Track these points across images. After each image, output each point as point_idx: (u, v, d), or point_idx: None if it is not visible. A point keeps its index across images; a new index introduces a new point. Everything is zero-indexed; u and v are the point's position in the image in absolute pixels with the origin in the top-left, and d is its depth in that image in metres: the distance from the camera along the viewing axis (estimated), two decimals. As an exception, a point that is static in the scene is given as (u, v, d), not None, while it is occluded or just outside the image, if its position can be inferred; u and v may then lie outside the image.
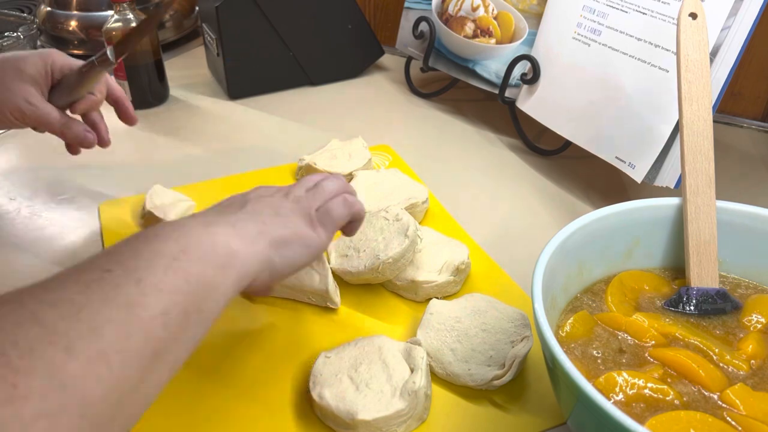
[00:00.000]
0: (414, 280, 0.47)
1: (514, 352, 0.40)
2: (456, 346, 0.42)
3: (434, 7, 0.75)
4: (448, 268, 0.48)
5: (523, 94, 0.67)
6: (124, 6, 0.71)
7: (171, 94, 0.79)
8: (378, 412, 0.36)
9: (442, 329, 0.43)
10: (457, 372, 0.40)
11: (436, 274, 0.47)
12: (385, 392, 0.37)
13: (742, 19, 0.49)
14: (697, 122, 0.40)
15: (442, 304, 0.45)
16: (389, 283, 0.48)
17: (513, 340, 0.42)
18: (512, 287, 0.49)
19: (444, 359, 0.41)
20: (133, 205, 0.58)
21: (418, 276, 0.47)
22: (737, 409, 0.32)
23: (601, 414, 0.27)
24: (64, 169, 0.65)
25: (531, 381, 0.42)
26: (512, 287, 0.49)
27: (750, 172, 0.66)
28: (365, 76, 0.86)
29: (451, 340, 0.42)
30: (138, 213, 0.56)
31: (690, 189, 0.40)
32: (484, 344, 0.42)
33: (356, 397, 0.37)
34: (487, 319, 0.43)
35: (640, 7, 0.55)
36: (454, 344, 0.42)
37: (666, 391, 0.33)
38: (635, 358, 0.35)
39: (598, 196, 0.61)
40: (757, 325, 0.37)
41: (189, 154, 0.68)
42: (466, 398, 0.40)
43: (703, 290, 0.39)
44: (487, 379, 0.40)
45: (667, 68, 0.52)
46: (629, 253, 0.41)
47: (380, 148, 0.68)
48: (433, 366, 0.41)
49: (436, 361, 0.41)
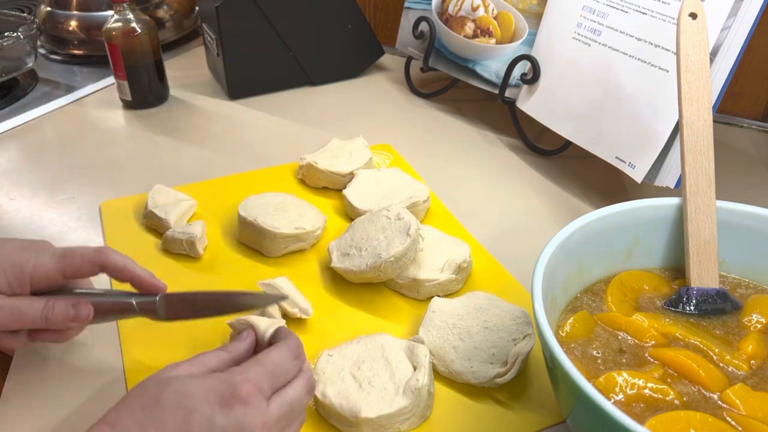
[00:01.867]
0: (416, 279, 0.47)
1: (516, 349, 0.41)
2: (458, 344, 0.42)
3: (434, 7, 0.75)
4: (449, 267, 0.48)
5: (523, 94, 0.67)
6: (124, 6, 0.71)
7: (171, 94, 0.79)
8: (381, 410, 0.36)
9: (444, 327, 0.43)
10: (460, 370, 0.40)
11: (438, 272, 0.47)
12: (388, 390, 0.37)
13: (742, 19, 0.49)
14: (697, 122, 0.40)
15: (444, 302, 0.45)
16: (391, 281, 0.48)
17: (515, 338, 0.42)
18: (514, 285, 0.49)
19: (446, 357, 0.41)
20: (135, 205, 0.58)
21: (420, 274, 0.47)
22: (737, 409, 0.32)
23: (601, 414, 0.27)
24: (65, 169, 0.65)
25: (533, 378, 0.42)
26: (514, 285, 0.49)
27: (750, 172, 0.66)
28: (365, 76, 0.86)
29: (454, 338, 0.42)
30: (140, 212, 0.56)
31: (690, 189, 0.40)
32: (486, 342, 0.42)
33: (359, 395, 0.37)
34: (489, 317, 0.44)
35: (640, 7, 0.55)
36: (456, 342, 0.42)
37: (666, 391, 0.33)
38: (635, 358, 0.35)
39: (598, 196, 0.61)
40: (757, 325, 0.37)
41: (189, 154, 0.68)
42: (468, 396, 0.40)
43: (703, 290, 0.39)
44: (490, 377, 0.40)
45: (667, 68, 0.53)
46: (629, 253, 0.41)
47: (381, 148, 0.68)
48: (435, 364, 0.41)
49: (439, 358, 0.41)
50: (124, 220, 0.56)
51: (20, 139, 0.71)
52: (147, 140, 0.71)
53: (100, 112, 0.77)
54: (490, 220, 0.57)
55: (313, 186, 0.61)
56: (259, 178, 0.62)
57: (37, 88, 0.83)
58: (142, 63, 0.73)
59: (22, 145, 0.70)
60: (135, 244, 0.53)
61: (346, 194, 0.56)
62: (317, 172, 0.60)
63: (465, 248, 0.49)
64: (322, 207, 0.57)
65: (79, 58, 0.90)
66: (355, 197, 0.56)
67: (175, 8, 0.93)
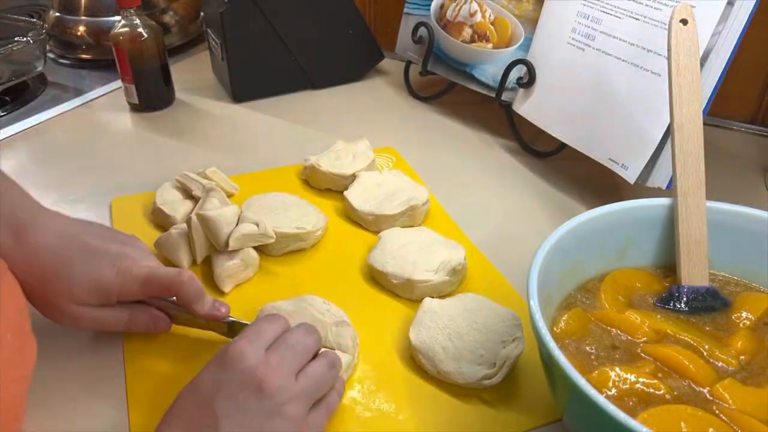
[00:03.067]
0: (410, 279, 0.47)
1: (505, 353, 0.41)
2: (447, 345, 0.42)
3: (433, 12, 0.76)
4: (444, 268, 0.48)
5: (519, 97, 0.68)
6: (130, 11, 0.72)
7: (177, 98, 0.80)
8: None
9: (434, 327, 0.43)
10: (448, 370, 0.41)
11: (432, 273, 0.47)
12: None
13: (732, 25, 0.49)
14: (689, 125, 0.40)
15: (436, 303, 0.45)
16: (385, 281, 0.49)
17: (504, 340, 0.42)
18: (506, 288, 0.50)
19: (435, 357, 0.41)
20: (143, 202, 0.59)
21: (415, 275, 0.47)
22: (726, 403, 0.32)
23: (595, 408, 0.28)
24: (73, 170, 0.66)
25: (521, 379, 0.42)
26: (506, 288, 0.50)
27: (740, 173, 0.67)
28: (366, 79, 0.87)
29: (443, 339, 0.42)
30: (148, 209, 0.58)
31: (681, 190, 0.40)
32: (475, 343, 0.42)
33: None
34: (479, 319, 0.44)
35: (633, 13, 0.56)
36: (445, 342, 0.42)
37: (657, 385, 0.33)
38: (628, 354, 0.36)
39: (592, 197, 0.62)
40: (746, 321, 0.38)
41: (194, 156, 0.69)
42: (456, 396, 0.41)
43: (693, 288, 0.40)
44: (477, 378, 0.40)
45: (659, 72, 0.53)
46: (622, 251, 0.42)
47: (385, 150, 0.69)
48: (424, 363, 0.42)
49: (428, 359, 0.41)
50: (133, 215, 0.58)
51: (30, 141, 0.72)
52: (153, 142, 0.72)
53: (107, 114, 0.78)
54: (487, 220, 0.58)
55: (317, 187, 0.62)
56: (264, 179, 0.64)
57: (46, 92, 0.84)
58: (149, 67, 0.75)
59: (32, 147, 0.71)
60: (141, 239, 0.54)
61: (347, 196, 0.57)
62: (320, 173, 0.61)
63: (460, 251, 0.50)
64: (325, 208, 0.58)
65: (87, 62, 0.90)
66: (356, 199, 0.57)
67: (181, 14, 0.94)
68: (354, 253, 0.53)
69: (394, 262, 0.49)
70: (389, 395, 0.41)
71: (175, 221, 0.54)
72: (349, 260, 0.53)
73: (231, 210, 0.50)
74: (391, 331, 0.46)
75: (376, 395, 0.41)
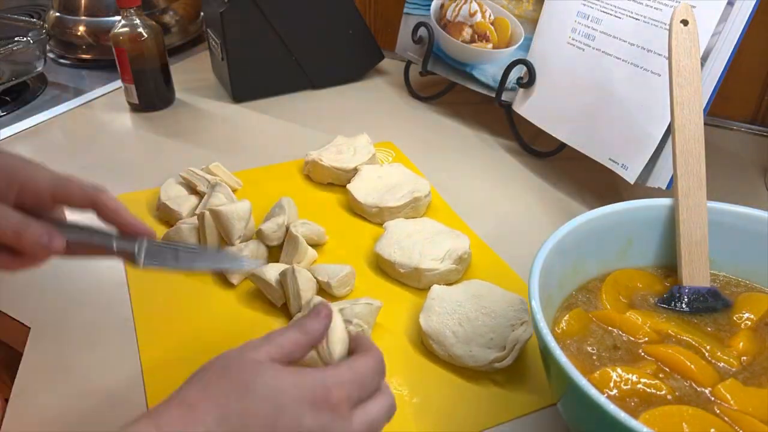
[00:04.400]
0: (417, 268, 0.48)
1: (515, 336, 0.42)
2: (457, 329, 0.43)
3: (433, 13, 0.76)
4: (450, 257, 0.49)
5: (519, 97, 0.68)
6: (131, 11, 0.72)
7: (177, 98, 0.80)
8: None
9: (443, 313, 0.44)
10: (459, 353, 0.42)
11: (438, 262, 0.49)
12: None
13: (732, 25, 0.50)
14: (689, 125, 0.41)
15: (444, 290, 0.46)
16: (392, 270, 0.50)
17: (513, 324, 0.43)
18: (511, 275, 0.51)
19: (446, 341, 0.42)
20: (147, 198, 0.59)
21: (422, 264, 0.48)
22: (728, 403, 0.33)
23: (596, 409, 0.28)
24: (73, 170, 0.65)
25: (530, 361, 0.43)
26: (511, 275, 0.51)
27: (740, 173, 0.67)
28: (366, 79, 0.87)
29: (453, 323, 0.43)
30: (153, 205, 0.58)
31: (682, 190, 0.40)
32: (485, 327, 0.43)
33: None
34: (487, 303, 0.45)
35: (633, 13, 0.56)
36: (455, 327, 0.43)
37: (659, 386, 0.33)
38: (629, 354, 0.36)
39: (593, 197, 0.62)
40: (747, 322, 0.38)
41: (194, 155, 0.69)
42: (468, 379, 0.42)
43: (694, 289, 0.40)
44: (488, 360, 0.41)
45: (659, 72, 0.53)
46: (623, 252, 0.42)
47: (384, 145, 0.69)
48: (435, 348, 0.43)
49: (438, 343, 0.42)
50: (137, 212, 0.58)
51: (30, 141, 0.72)
52: (153, 142, 0.72)
53: (107, 114, 0.78)
54: (487, 220, 0.58)
55: (319, 182, 0.63)
56: (266, 174, 0.64)
57: (46, 92, 0.84)
58: (149, 67, 0.75)
59: (32, 147, 0.71)
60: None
61: (350, 189, 0.58)
62: (322, 168, 0.61)
63: (465, 240, 0.51)
64: (328, 202, 0.59)
65: (88, 62, 0.91)
66: (359, 192, 0.57)
67: (181, 14, 0.94)
68: (359, 244, 0.54)
69: (401, 251, 0.49)
70: (402, 380, 0.42)
71: (180, 216, 0.55)
72: (354, 251, 0.54)
73: (243, 206, 0.51)
74: (401, 319, 0.47)
75: (389, 380, 0.40)
